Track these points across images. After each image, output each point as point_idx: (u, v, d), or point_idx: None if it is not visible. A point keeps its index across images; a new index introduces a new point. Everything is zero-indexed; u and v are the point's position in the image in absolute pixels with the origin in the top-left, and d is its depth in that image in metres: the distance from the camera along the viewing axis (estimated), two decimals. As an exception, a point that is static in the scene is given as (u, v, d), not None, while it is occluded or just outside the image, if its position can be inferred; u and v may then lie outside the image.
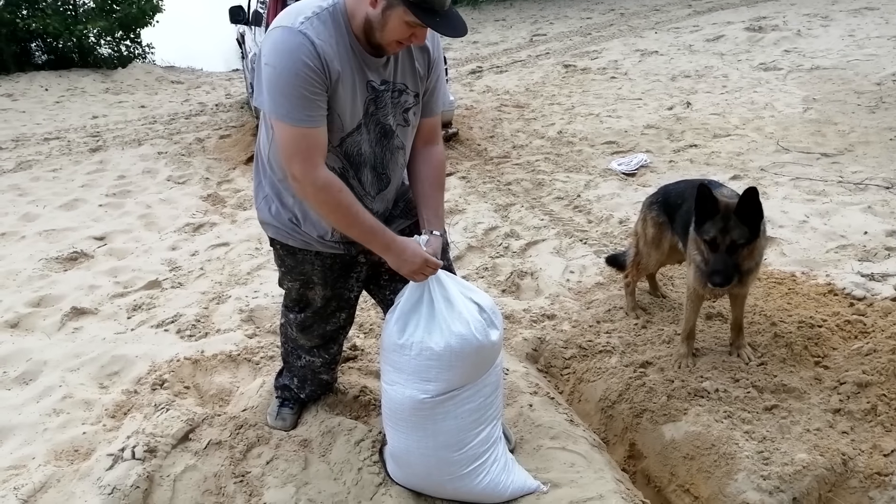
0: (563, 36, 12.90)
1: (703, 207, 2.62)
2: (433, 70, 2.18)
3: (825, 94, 7.26)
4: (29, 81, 11.36)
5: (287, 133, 1.93)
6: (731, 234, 2.58)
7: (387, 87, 2.07)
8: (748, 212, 2.55)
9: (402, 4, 1.83)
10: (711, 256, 2.65)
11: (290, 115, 1.90)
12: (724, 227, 2.58)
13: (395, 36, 1.92)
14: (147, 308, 3.93)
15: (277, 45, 1.88)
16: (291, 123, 1.91)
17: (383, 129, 2.13)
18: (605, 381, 2.98)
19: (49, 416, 2.89)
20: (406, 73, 2.11)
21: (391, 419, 2.25)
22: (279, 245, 2.33)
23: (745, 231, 2.57)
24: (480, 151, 6.62)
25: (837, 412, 2.63)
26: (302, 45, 1.85)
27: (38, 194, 6.15)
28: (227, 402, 2.95)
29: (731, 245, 2.60)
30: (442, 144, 2.35)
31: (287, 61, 1.86)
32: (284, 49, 1.86)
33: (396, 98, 2.11)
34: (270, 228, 2.29)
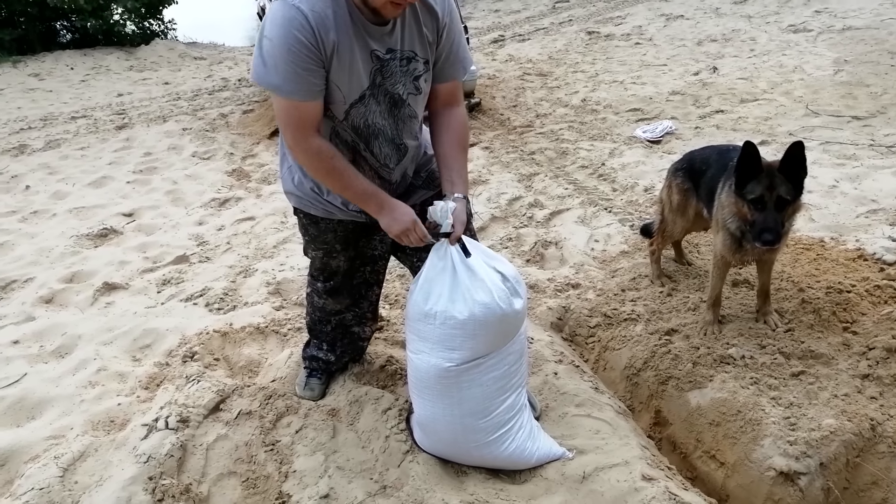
0: (586, 2, 12.68)
1: (746, 167, 2.56)
2: (444, 35, 2.11)
3: (857, 56, 7.07)
4: (55, 61, 11.48)
5: (280, 104, 1.97)
6: (779, 190, 2.51)
7: (393, 55, 2.03)
8: (793, 167, 2.49)
9: None
10: (758, 215, 2.57)
11: (282, 88, 1.92)
12: (770, 184, 2.51)
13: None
14: (176, 282, 3.99)
15: (274, 19, 1.88)
16: (283, 96, 1.93)
17: (392, 99, 2.10)
18: (631, 349, 2.98)
19: (85, 388, 2.96)
20: (414, 39, 2.06)
21: (417, 388, 2.28)
22: (302, 214, 2.37)
23: (791, 187, 2.51)
24: (503, 121, 6.57)
25: (866, 378, 2.59)
26: (294, 18, 1.85)
27: (67, 172, 6.25)
28: (256, 374, 3.00)
29: (778, 201, 2.53)
30: (464, 107, 2.31)
31: (281, 35, 1.86)
32: (279, 22, 1.87)
33: (405, 66, 2.07)
34: (293, 198, 2.33)
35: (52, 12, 12.59)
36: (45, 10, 12.43)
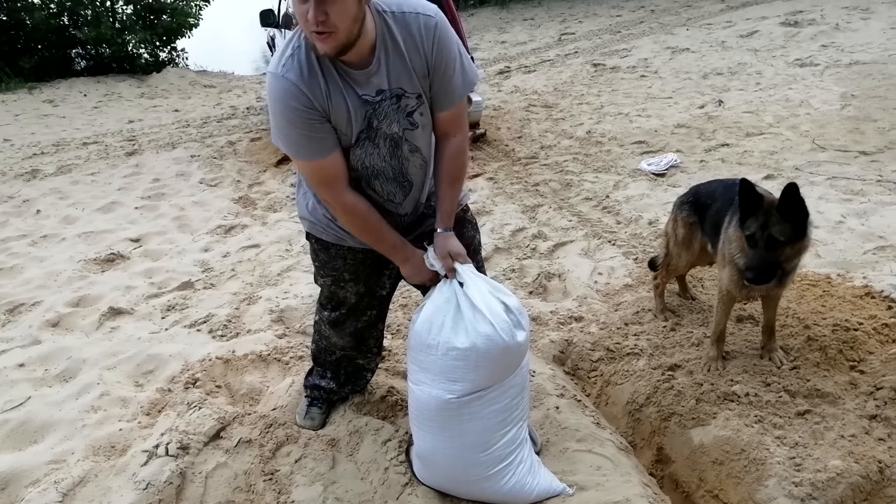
0: (592, 34, 12.81)
1: (745, 203, 2.56)
2: (434, 66, 2.05)
3: (864, 90, 7.09)
4: (69, 87, 11.65)
5: (303, 167, 2.08)
6: (771, 229, 2.50)
7: (383, 95, 2.02)
8: (789, 208, 2.48)
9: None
10: (750, 252, 2.58)
11: (300, 153, 2.01)
12: (765, 223, 2.51)
13: (302, 22, 1.84)
14: (180, 308, 4.00)
15: (270, 92, 1.96)
16: (305, 159, 2.02)
17: (393, 140, 2.11)
18: (633, 384, 2.96)
19: (87, 413, 2.96)
20: (401, 76, 2.03)
21: (417, 419, 2.27)
22: (314, 239, 2.40)
23: (787, 228, 2.49)
24: (508, 152, 6.61)
25: (874, 418, 2.56)
26: (286, 90, 1.91)
27: (77, 197, 6.31)
28: (258, 402, 3.00)
29: (769, 241, 2.52)
30: (462, 136, 2.23)
31: (280, 107, 1.93)
32: (275, 96, 1.94)
33: (396, 104, 2.05)
34: (306, 223, 2.37)
35: (69, 40, 12.83)
36: (63, 38, 12.67)
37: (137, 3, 13.19)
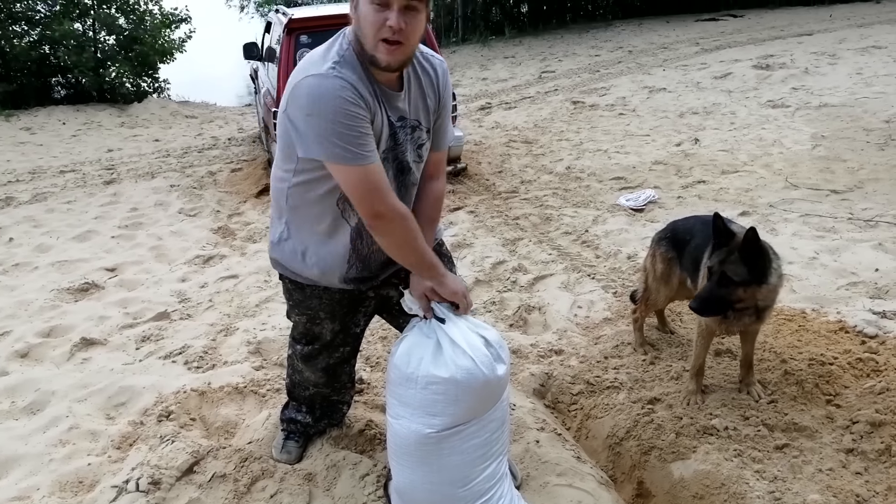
0: (571, 73, 13.04)
1: (716, 236, 2.62)
2: (442, 106, 2.20)
3: (834, 132, 7.28)
4: (47, 115, 11.58)
5: (353, 175, 1.92)
6: (725, 267, 2.56)
7: (403, 123, 2.08)
8: (749, 251, 2.53)
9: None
10: (704, 284, 2.65)
11: (354, 157, 1.88)
12: (723, 260, 2.57)
13: (372, 29, 1.87)
14: (155, 339, 3.94)
15: (316, 93, 1.86)
16: (356, 164, 1.90)
17: (401, 166, 2.12)
18: (613, 418, 2.95)
19: (55, 447, 2.88)
20: (419, 108, 2.12)
21: (396, 454, 2.23)
22: (287, 279, 2.34)
23: (742, 269, 2.54)
24: (489, 186, 6.66)
25: (850, 452, 2.58)
26: (340, 87, 1.85)
27: (52, 226, 6.23)
28: (233, 435, 2.94)
29: (721, 278, 2.58)
30: (443, 180, 2.34)
31: (332, 105, 1.84)
32: (325, 94, 1.85)
33: (411, 134, 2.11)
34: (279, 265, 2.31)
35: (49, 69, 12.78)
36: (43, 66, 12.63)
37: (120, 34, 13.21)
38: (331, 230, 2.16)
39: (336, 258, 2.19)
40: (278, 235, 2.26)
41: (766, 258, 2.56)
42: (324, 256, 2.19)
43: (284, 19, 6.54)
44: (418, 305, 2.18)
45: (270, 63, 7.29)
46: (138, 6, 13.45)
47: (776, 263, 2.64)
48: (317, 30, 6.34)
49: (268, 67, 7.57)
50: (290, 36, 6.33)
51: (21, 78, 12.54)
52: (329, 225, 2.15)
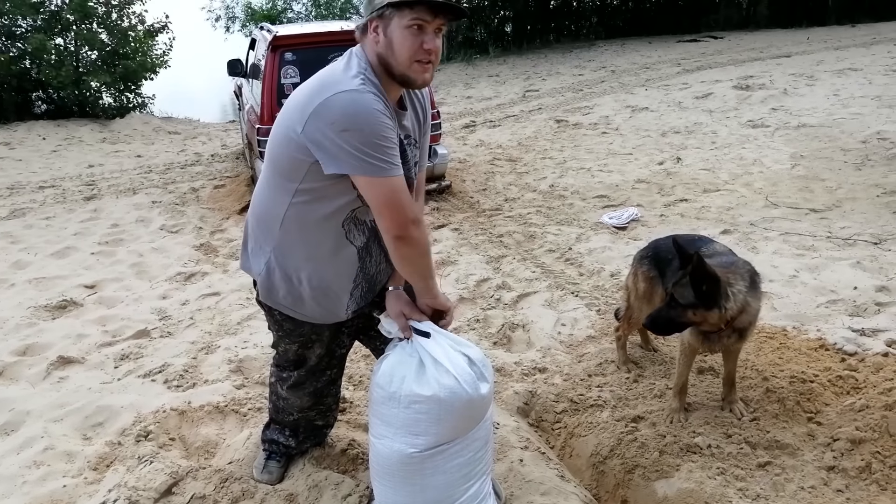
0: (555, 92, 13.15)
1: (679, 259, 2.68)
2: (426, 121, 2.25)
3: (812, 151, 7.38)
4: (27, 130, 11.47)
5: (386, 187, 1.91)
6: (674, 290, 2.62)
7: (409, 141, 2.12)
8: (696, 277, 2.55)
9: (394, 10, 1.89)
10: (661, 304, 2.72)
11: (388, 169, 1.89)
12: (675, 283, 2.62)
13: (407, 51, 1.91)
14: (135, 357, 3.89)
15: (352, 108, 1.86)
16: (390, 176, 1.90)
17: (409, 183, 2.11)
18: (597, 436, 2.94)
19: (29, 469, 2.82)
20: (415, 126, 2.17)
21: (379, 474, 2.21)
22: (276, 312, 2.28)
23: (689, 293, 2.57)
24: (473, 204, 6.68)
25: (831, 469, 2.59)
26: (375, 100, 1.88)
27: (30, 242, 6.15)
28: (213, 455, 2.90)
29: (671, 300, 2.63)
30: (421, 202, 2.37)
31: (369, 119, 1.85)
32: (361, 109, 1.85)
33: (410, 151, 2.15)
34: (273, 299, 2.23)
35: (29, 83, 12.68)
36: (24, 81, 12.53)
37: (102, 49, 13.15)
38: (331, 253, 2.13)
39: (342, 279, 2.17)
40: (264, 267, 2.18)
41: (714, 283, 2.56)
42: (326, 280, 2.16)
43: (269, 36, 6.54)
44: (396, 327, 2.16)
45: (255, 80, 7.28)
46: (121, 22, 13.41)
47: (737, 287, 2.61)
48: (301, 47, 6.35)
49: (252, 84, 7.56)
50: (274, 53, 6.33)
51: (1, 92, 12.43)
52: (330, 249, 2.12)
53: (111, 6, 13.24)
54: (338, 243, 2.11)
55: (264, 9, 21.69)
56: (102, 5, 13.16)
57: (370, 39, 1.96)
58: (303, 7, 22.32)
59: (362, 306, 2.28)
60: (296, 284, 2.17)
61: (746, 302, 2.64)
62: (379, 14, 1.91)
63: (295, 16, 21.93)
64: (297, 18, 21.66)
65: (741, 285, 2.64)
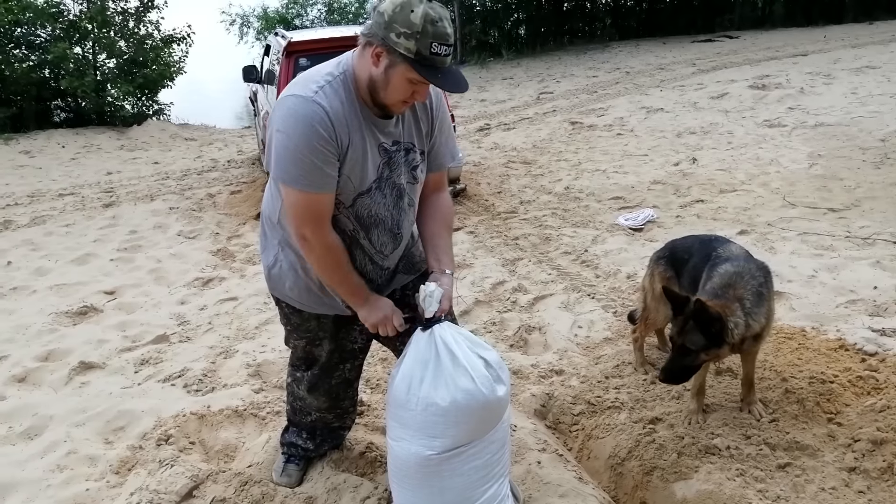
0: (569, 94, 13.14)
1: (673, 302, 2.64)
2: (436, 126, 2.23)
3: (830, 150, 7.32)
4: (47, 139, 11.63)
5: (296, 198, 1.98)
6: (683, 337, 2.58)
7: (398, 147, 2.12)
8: (701, 320, 2.53)
9: (404, 62, 1.88)
10: (670, 354, 2.67)
11: (301, 182, 1.94)
12: (681, 330, 2.58)
13: (399, 95, 1.96)
14: (154, 362, 3.93)
15: (291, 114, 1.92)
16: (302, 189, 1.95)
17: (398, 190, 2.16)
18: (615, 438, 2.94)
19: (52, 472, 2.86)
20: (412, 131, 2.16)
21: (397, 476, 2.22)
22: (284, 304, 2.35)
23: (699, 338, 2.55)
24: (488, 207, 6.68)
25: (853, 471, 2.56)
26: (316, 113, 1.90)
27: (50, 249, 6.23)
28: (233, 458, 2.92)
29: (682, 349, 2.60)
30: (448, 192, 2.41)
31: (301, 130, 1.89)
32: (298, 118, 1.90)
33: (405, 157, 2.15)
34: (278, 290, 2.32)
35: (48, 92, 12.85)
36: (43, 90, 12.70)
37: (120, 56, 13.30)
38: None
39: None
40: (273, 258, 2.28)
41: (718, 322, 2.54)
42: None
43: (283, 42, 6.59)
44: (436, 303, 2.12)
45: (270, 85, 7.34)
46: (138, 30, 13.57)
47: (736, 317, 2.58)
48: (315, 52, 6.39)
49: (267, 90, 7.62)
50: (289, 58, 6.38)
51: (21, 101, 12.62)
52: None
53: (128, 14, 13.41)
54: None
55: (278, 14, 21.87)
56: (120, 14, 13.33)
57: (367, 58, 1.95)
58: (317, 12, 22.48)
59: None
60: (301, 276, 2.23)
61: (748, 324, 2.62)
62: (386, 49, 1.89)
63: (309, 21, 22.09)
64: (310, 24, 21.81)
65: (739, 313, 2.60)
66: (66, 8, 12.95)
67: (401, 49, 1.86)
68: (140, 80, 13.03)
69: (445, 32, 1.86)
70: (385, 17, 1.86)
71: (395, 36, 1.85)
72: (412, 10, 1.83)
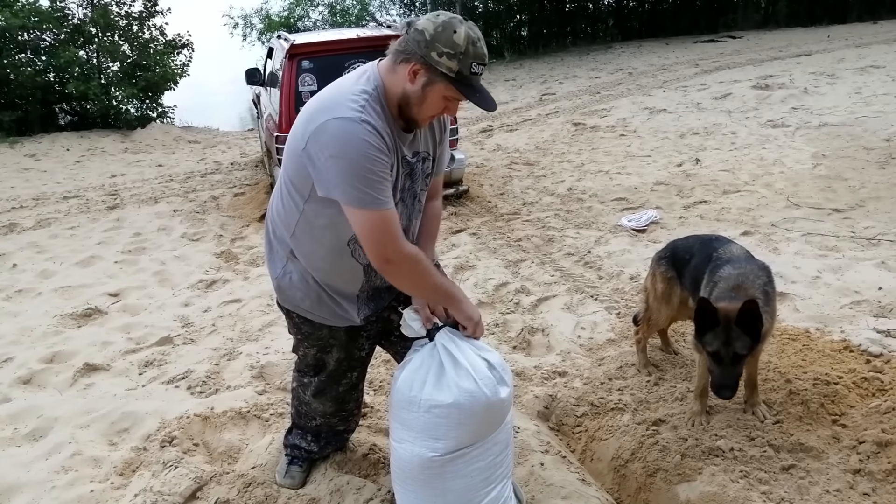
0: (572, 95, 13.13)
1: (703, 320, 2.59)
2: (443, 136, 2.28)
3: (834, 151, 7.30)
4: (51, 142, 11.67)
5: (373, 219, 1.93)
6: (734, 346, 2.55)
7: (417, 157, 2.14)
8: (748, 323, 2.53)
9: (444, 80, 1.90)
10: (717, 369, 2.61)
11: (375, 202, 1.91)
12: (727, 339, 2.55)
13: (433, 111, 1.99)
14: (158, 364, 3.94)
15: (343, 137, 1.88)
16: (377, 208, 1.92)
17: (416, 198, 2.20)
18: (618, 440, 2.93)
19: (57, 474, 2.87)
20: (428, 141, 2.20)
21: (400, 478, 2.22)
22: (295, 315, 2.34)
23: (748, 341, 2.54)
24: (491, 208, 6.68)
25: (857, 473, 2.55)
26: (369, 133, 1.89)
27: (55, 251, 6.25)
28: (236, 460, 2.93)
29: (734, 357, 2.57)
30: (441, 198, 2.45)
31: (359, 150, 1.87)
32: (353, 140, 1.88)
33: (422, 165, 2.18)
34: (291, 301, 2.30)
35: (53, 96, 12.91)
36: (48, 94, 12.75)
37: (124, 60, 13.35)
38: (338, 266, 2.18)
39: (351, 287, 2.24)
40: (281, 270, 2.26)
41: (761, 319, 2.55)
42: (336, 286, 2.22)
43: (286, 45, 6.60)
44: (419, 320, 2.17)
45: (273, 88, 7.35)
46: (142, 34, 13.62)
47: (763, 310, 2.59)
48: (318, 55, 6.40)
49: (270, 92, 7.63)
50: (291, 61, 6.39)
51: (26, 105, 12.67)
52: (337, 261, 2.17)
53: (132, 18, 13.46)
54: (343, 258, 2.16)
55: (281, 16, 21.90)
56: (124, 17, 13.38)
57: (402, 75, 1.95)
58: (319, 15, 22.51)
59: (377, 311, 2.32)
60: (313, 287, 2.22)
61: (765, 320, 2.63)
62: (426, 67, 1.90)
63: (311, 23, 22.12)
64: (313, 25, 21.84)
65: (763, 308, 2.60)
66: (71, 12, 13.00)
67: (442, 68, 1.89)
68: (143, 83, 13.07)
69: (484, 53, 1.91)
70: (426, 36, 1.88)
71: (437, 55, 1.88)
72: (454, 31, 1.86)
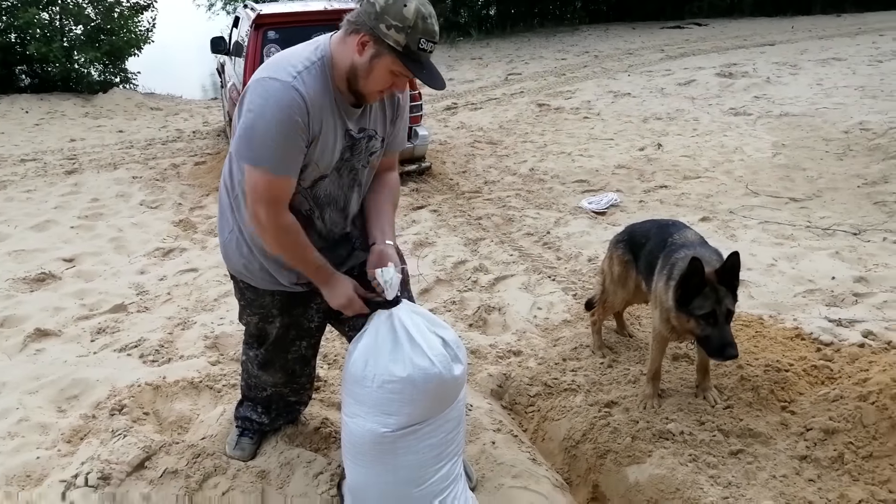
0: (537, 75, 13.11)
1: (690, 284, 2.58)
2: (399, 116, 2.26)
3: (794, 141, 7.43)
4: (10, 104, 11.30)
5: (260, 179, 1.96)
6: (726, 302, 2.57)
7: (364, 134, 2.13)
8: (732, 277, 2.57)
9: (391, 53, 1.88)
10: (712, 331, 2.59)
11: (266, 164, 1.93)
12: (718, 298, 2.56)
13: (379, 85, 1.97)
14: (111, 331, 3.86)
15: (267, 96, 1.89)
16: (266, 171, 1.93)
17: (353, 172, 2.18)
18: (570, 420, 2.97)
19: (3, 440, 2.81)
20: (377, 119, 2.17)
21: (350, 453, 2.22)
22: (240, 280, 2.34)
23: (734, 297, 2.59)
24: (452, 186, 6.66)
25: (804, 459, 2.60)
26: (294, 100, 1.88)
27: (9, 214, 6.07)
28: (186, 430, 2.90)
29: (727, 314, 2.59)
30: (397, 173, 2.44)
31: (275, 114, 1.88)
32: (276, 102, 1.88)
33: (367, 143, 2.16)
34: (236, 267, 2.30)
35: (14, 57, 12.45)
36: (8, 54, 12.30)
37: (87, 24, 12.91)
38: None
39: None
40: (228, 233, 2.26)
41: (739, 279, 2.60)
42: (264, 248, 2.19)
43: (252, 14, 6.45)
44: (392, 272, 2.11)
45: (238, 57, 7.20)
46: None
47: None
48: (284, 25, 6.27)
49: (234, 62, 7.47)
50: (257, 31, 6.26)
51: (-15, 67, 12.20)
52: None
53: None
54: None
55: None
56: (88, -21, 12.91)
57: (350, 46, 1.94)
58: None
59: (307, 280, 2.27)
60: (250, 250, 2.21)
61: None
62: (374, 39, 1.89)
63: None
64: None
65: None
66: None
67: (389, 41, 1.86)
68: (107, 47, 12.67)
69: (434, 30, 1.88)
70: (377, 8, 1.86)
71: (386, 27, 1.85)
72: (405, 5, 1.84)
